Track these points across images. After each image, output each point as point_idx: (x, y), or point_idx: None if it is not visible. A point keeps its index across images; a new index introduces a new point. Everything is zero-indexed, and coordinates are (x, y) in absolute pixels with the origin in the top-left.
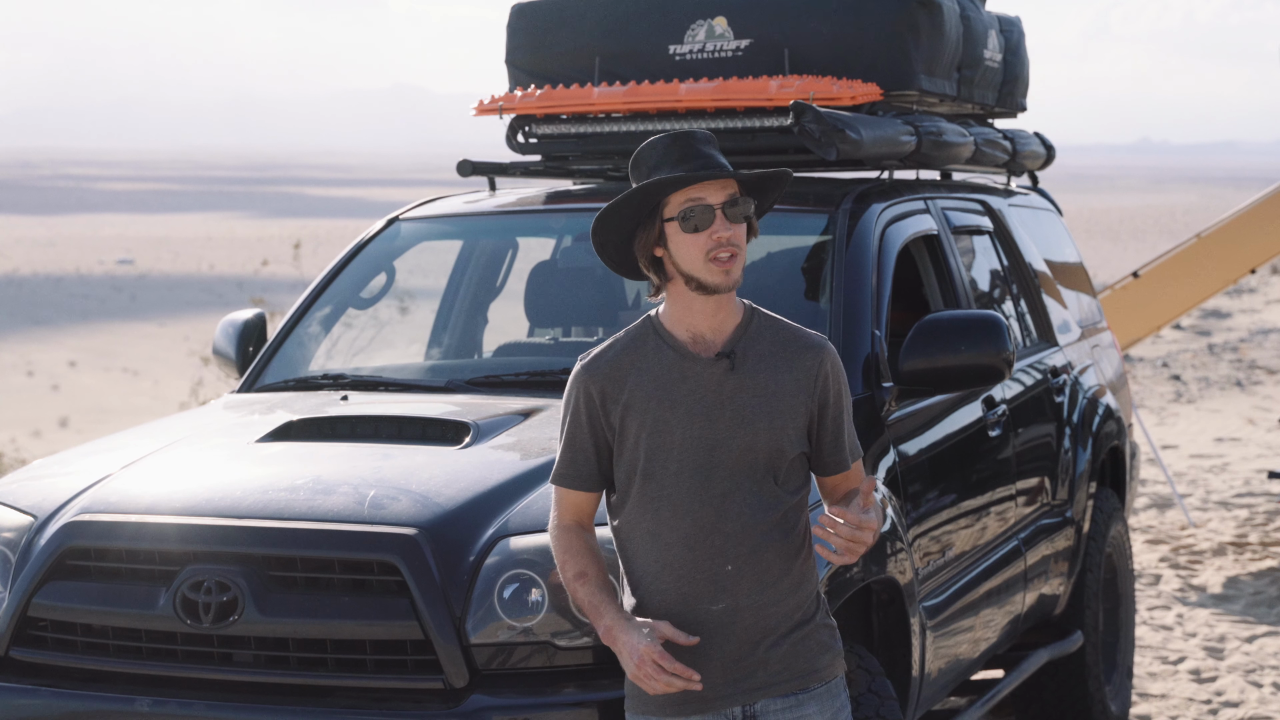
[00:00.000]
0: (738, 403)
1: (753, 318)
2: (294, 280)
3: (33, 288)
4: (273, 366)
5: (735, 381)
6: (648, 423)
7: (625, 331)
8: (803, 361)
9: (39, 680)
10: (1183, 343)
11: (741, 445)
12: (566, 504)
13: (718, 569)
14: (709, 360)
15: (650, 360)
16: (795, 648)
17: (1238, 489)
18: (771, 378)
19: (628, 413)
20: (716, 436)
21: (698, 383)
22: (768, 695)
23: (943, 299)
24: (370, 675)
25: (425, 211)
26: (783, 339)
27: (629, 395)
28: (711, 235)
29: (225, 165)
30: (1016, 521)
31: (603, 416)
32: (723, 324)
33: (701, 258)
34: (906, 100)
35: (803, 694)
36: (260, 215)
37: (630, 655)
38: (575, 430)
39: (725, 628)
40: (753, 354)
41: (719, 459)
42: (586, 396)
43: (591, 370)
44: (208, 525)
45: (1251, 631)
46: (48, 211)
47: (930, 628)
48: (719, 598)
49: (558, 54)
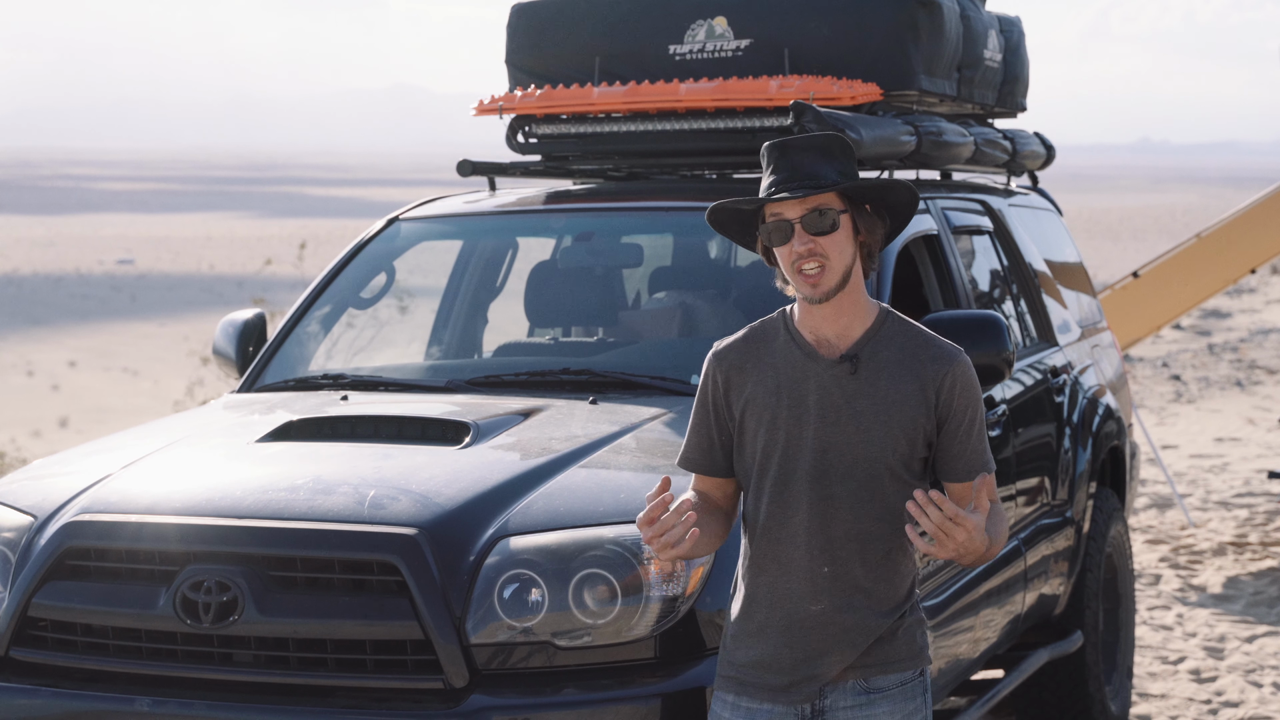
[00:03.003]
0: (856, 408)
1: (885, 322)
2: (294, 280)
3: (33, 288)
4: (273, 366)
5: (855, 386)
6: (765, 418)
7: (761, 321)
8: (928, 371)
9: (39, 680)
10: (1183, 343)
11: (855, 452)
12: (695, 480)
13: (816, 570)
14: (832, 362)
15: (778, 355)
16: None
17: (1238, 489)
18: (893, 386)
19: (749, 405)
20: (830, 440)
21: (818, 383)
22: (842, 679)
23: (943, 299)
24: (370, 675)
25: (425, 211)
26: (913, 346)
27: (752, 388)
28: (791, 249)
29: (225, 165)
30: (1016, 521)
31: (725, 405)
32: (848, 328)
33: (790, 269)
34: (906, 100)
35: (876, 694)
36: (260, 215)
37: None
38: (701, 415)
39: (821, 628)
40: (878, 359)
41: (831, 462)
42: (714, 383)
43: (720, 357)
44: (208, 525)
45: (1251, 631)
46: (48, 211)
47: (930, 628)
48: (818, 598)
49: (558, 54)
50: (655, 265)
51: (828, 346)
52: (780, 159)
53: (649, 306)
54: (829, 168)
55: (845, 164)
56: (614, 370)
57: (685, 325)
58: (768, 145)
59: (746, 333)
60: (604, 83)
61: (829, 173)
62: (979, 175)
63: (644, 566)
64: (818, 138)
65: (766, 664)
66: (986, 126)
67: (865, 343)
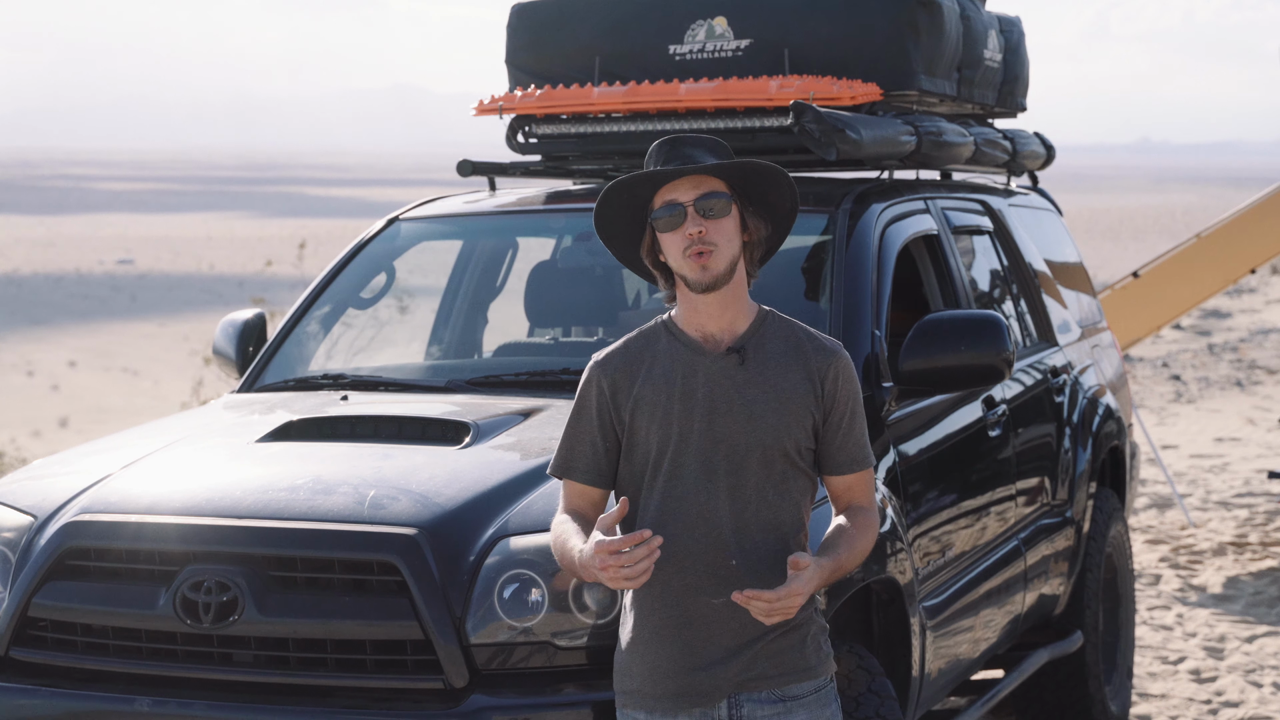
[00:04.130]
0: (746, 397)
1: (765, 319)
2: (295, 280)
3: (33, 288)
4: (273, 366)
5: (744, 376)
6: (658, 415)
7: (638, 331)
8: (813, 363)
9: (39, 680)
10: (1183, 343)
11: (748, 441)
12: (566, 495)
13: (721, 563)
14: (719, 355)
15: (662, 356)
16: (788, 645)
17: (1238, 489)
18: (781, 376)
19: (639, 406)
20: (724, 431)
21: (707, 376)
22: (755, 689)
23: (943, 299)
24: (370, 675)
25: (425, 211)
26: (796, 340)
27: (640, 389)
28: (684, 233)
29: (225, 165)
30: (1016, 521)
31: (612, 410)
32: (732, 323)
33: (680, 255)
34: (906, 100)
35: (792, 701)
36: (260, 215)
37: (588, 560)
38: (582, 423)
39: (724, 622)
40: (763, 352)
41: (725, 453)
42: (599, 390)
43: (604, 365)
44: (208, 525)
45: (1251, 631)
46: (48, 211)
47: (930, 628)
48: (720, 591)
49: (558, 54)
50: None
51: (713, 342)
52: (671, 151)
53: (649, 306)
54: (716, 160)
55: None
56: None
57: None
58: (659, 141)
59: (626, 340)
60: (604, 83)
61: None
62: (979, 175)
63: None
64: (704, 137)
65: (665, 669)
66: (986, 126)
67: (750, 335)
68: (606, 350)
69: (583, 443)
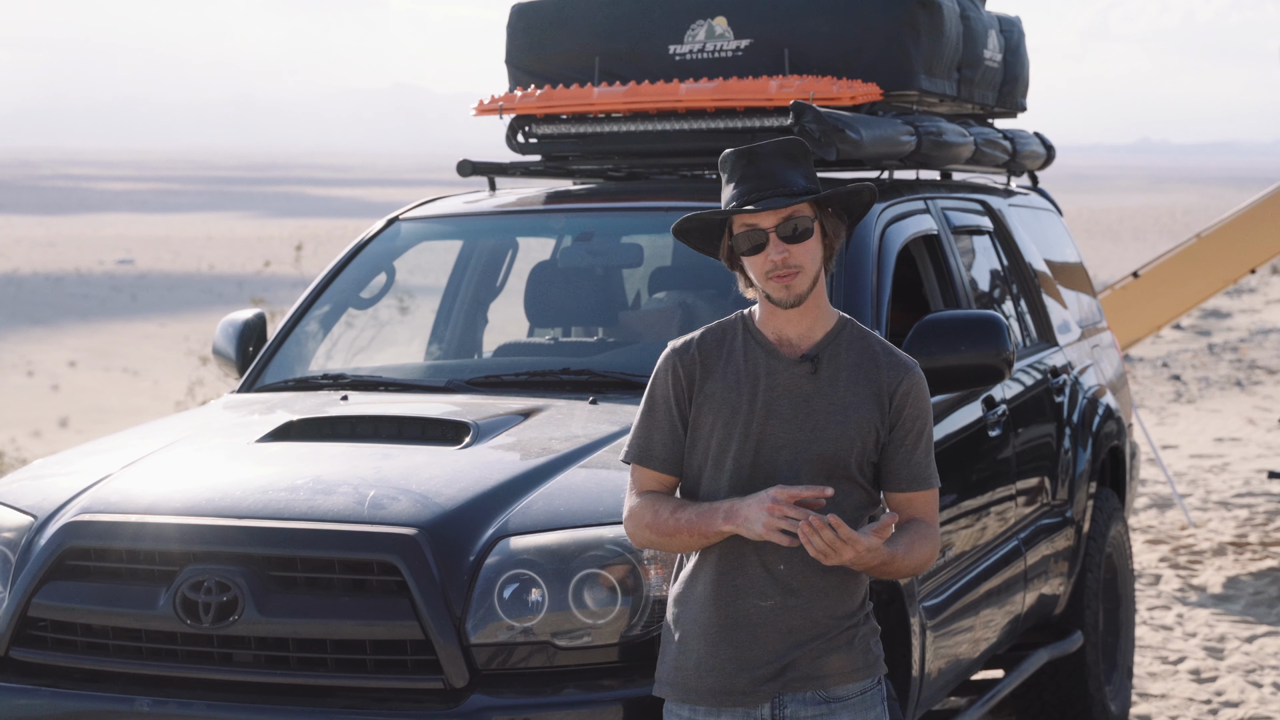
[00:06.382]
0: (813, 407)
1: (844, 328)
2: (294, 280)
3: (33, 288)
4: (273, 366)
5: (814, 386)
6: (724, 414)
7: (717, 323)
8: (884, 377)
9: (39, 680)
10: (1183, 343)
11: (809, 450)
12: (639, 480)
13: (771, 566)
14: (793, 361)
15: (737, 354)
16: (835, 646)
17: (1238, 489)
18: (850, 389)
19: (707, 400)
20: (787, 437)
21: (778, 381)
22: (800, 689)
23: (943, 299)
24: (370, 675)
25: (425, 211)
26: (871, 353)
27: (712, 383)
28: (767, 258)
29: (225, 165)
30: (1016, 521)
31: (686, 400)
32: (810, 330)
33: (763, 276)
34: (906, 100)
35: (836, 703)
36: (260, 215)
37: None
38: (658, 410)
39: (770, 624)
40: (837, 362)
41: (786, 459)
42: (674, 378)
43: (681, 354)
44: (208, 525)
45: (1251, 631)
46: (48, 211)
47: (930, 628)
48: (769, 594)
49: (558, 54)
50: (655, 265)
51: (789, 346)
52: (748, 167)
53: (649, 306)
54: (796, 174)
55: (808, 168)
56: (614, 370)
57: (685, 325)
58: (731, 153)
59: (704, 332)
60: (604, 83)
61: (797, 179)
62: (979, 175)
63: (644, 566)
64: (782, 143)
65: (710, 668)
66: (986, 126)
67: (826, 345)
68: (683, 339)
69: (661, 430)
